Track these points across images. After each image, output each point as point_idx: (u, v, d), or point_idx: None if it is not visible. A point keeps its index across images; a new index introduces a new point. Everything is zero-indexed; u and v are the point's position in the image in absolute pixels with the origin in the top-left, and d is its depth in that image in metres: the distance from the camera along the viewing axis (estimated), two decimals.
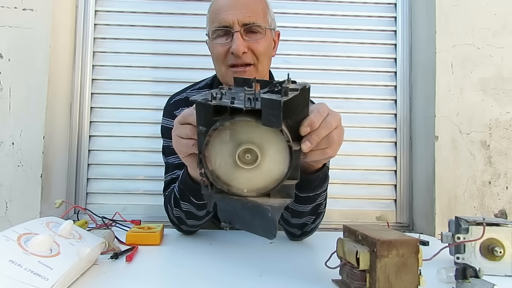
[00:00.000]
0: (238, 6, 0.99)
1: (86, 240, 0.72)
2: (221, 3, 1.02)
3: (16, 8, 1.62)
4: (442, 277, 0.70)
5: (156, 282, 0.71)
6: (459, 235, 0.77)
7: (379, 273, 0.58)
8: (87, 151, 1.88)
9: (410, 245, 0.59)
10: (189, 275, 0.74)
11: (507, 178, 1.69)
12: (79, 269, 0.67)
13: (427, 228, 1.73)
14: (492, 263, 0.76)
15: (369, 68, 1.97)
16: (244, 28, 1.00)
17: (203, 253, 0.91)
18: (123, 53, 1.92)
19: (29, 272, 0.53)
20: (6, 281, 0.49)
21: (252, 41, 1.01)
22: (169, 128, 0.99)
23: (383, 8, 1.99)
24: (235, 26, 0.99)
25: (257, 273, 0.75)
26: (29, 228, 0.64)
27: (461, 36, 1.71)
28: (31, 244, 0.58)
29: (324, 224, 1.87)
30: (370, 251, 0.60)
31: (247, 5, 1.00)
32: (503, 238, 0.76)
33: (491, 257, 0.76)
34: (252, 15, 1.00)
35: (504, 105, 1.70)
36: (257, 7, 1.02)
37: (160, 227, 1.02)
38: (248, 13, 0.99)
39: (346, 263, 0.64)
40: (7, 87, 1.60)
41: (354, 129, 1.94)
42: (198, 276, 0.74)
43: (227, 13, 0.99)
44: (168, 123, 1.17)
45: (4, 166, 1.59)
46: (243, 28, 1.00)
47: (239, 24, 0.99)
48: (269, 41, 1.07)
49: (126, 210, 1.81)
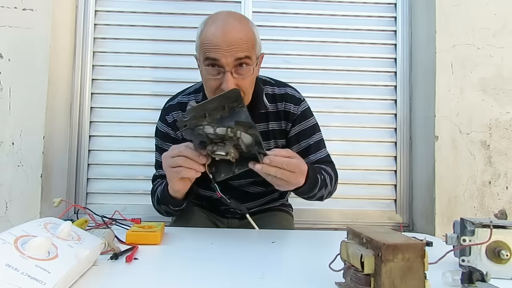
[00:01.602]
0: (231, 44, 1.04)
1: (85, 241, 0.72)
2: (213, 35, 1.06)
3: (16, 8, 1.62)
4: (447, 280, 0.69)
5: (156, 282, 0.71)
6: (464, 237, 0.76)
7: (384, 277, 0.57)
8: (87, 151, 1.88)
9: (416, 249, 0.58)
10: (190, 276, 0.74)
11: (507, 178, 1.69)
12: (78, 272, 0.66)
13: (427, 228, 1.73)
14: (498, 266, 0.75)
15: (369, 68, 1.96)
16: (235, 64, 1.06)
17: (204, 253, 0.91)
18: (123, 53, 1.92)
19: (26, 276, 0.52)
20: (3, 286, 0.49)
21: (240, 78, 1.08)
22: (160, 131, 1.29)
23: (383, 8, 1.98)
24: (227, 66, 1.05)
25: (259, 275, 0.74)
26: (27, 230, 0.63)
27: (461, 36, 1.70)
28: (28, 247, 0.57)
29: (324, 224, 1.90)
30: (375, 255, 0.58)
31: (240, 43, 1.05)
32: (509, 241, 0.75)
33: (497, 260, 0.75)
34: (245, 50, 1.06)
35: (504, 105, 1.69)
36: (248, 40, 1.07)
37: (161, 226, 1.01)
38: (241, 50, 1.05)
39: (350, 267, 0.63)
40: (7, 87, 1.61)
41: (354, 129, 1.94)
42: (199, 276, 0.74)
43: (219, 51, 1.04)
44: (161, 126, 1.30)
45: (4, 166, 1.59)
46: (234, 65, 1.06)
47: (232, 62, 1.05)
48: (256, 72, 1.15)
49: (126, 210, 1.80)
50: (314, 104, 1.91)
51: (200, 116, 0.91)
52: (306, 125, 1.27)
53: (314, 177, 1.07)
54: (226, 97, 0.91)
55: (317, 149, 1.27)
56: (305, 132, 1.27)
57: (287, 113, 1.26)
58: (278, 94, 1.27)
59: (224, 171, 1.02)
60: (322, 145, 1.30)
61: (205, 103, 0.90)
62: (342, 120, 1.95)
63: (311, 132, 1.28)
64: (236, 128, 0.89)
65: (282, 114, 1.26)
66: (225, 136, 0.89)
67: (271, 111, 1.25)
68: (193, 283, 0.71)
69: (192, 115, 0.90)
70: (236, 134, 0.89)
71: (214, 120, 0.92)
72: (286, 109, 1.25)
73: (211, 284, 0.70)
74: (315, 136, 1.28)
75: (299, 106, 1.27)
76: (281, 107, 1.25)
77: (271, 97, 1.26)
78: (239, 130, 0.89)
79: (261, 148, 0.93)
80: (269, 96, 1.26)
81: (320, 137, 1.30)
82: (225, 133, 0.89)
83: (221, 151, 0.92)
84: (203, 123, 0.90)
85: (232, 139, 0.90)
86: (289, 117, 1.26)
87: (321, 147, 1.29)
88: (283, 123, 1.26)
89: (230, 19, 1.10)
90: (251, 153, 0.95)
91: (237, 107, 0.92)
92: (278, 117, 1.26)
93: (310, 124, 1.28)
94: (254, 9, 1.94)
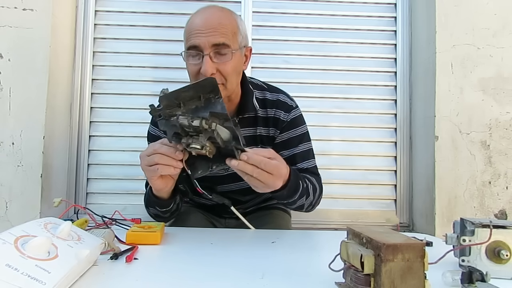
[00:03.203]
0: (209, 28, 1.06)
1: (85, 241, 0.72)
2: (195, 24, 1.09)
3: (16, 8, 1.62)
4: (447, 280, 0.69)
5: (156, 283, 0.71)
6: (464, 237, 0.76)
7: (384, 277, 0.56)
8: (87, 151, 1.88)
9: (416, 249, 0.57)
10: (190, 276, 0.74)
11: (507, 178, 1.69)
12: (78, 271, 0.66)
13: (427, 228, 1.73)
14: (498, 266, 0.74)
15: (369, 68, 1.96)
16: (214, 50, 1.07)
17: (204, 253, 0.91)
18: (123, 53, 1.92)
19: (26, 276, 0.52)
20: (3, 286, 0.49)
21: (220, 63, 1.07)
22: (151, 134, 1.29)
23: (383, 8, 1.98)
24: (205, 49, 1.06)
25: (259, 275, 0.74)
26: (27, 230, 0.63)
27: (461, 36, 1.70)
28: (29, 247, 0.57)
29: (324, 224, 1.90)
30: (375, 255, 0.58)
31: (217, 28, 1.07)
32: (509, 241, 0.75)
33: (497, 260, 0.75)
34: (222, 36, 1.07)
35: (504, 105, 1.69)
36: (227, 28, 1.08)
37: (161, 226, 1.01)
38: (219, 35, 1.06)
39: (350, 267, 0.63)
40: (7, 87, 1.61)
41: (354, 129, 1.94)
42: (199, 276, 0.74)
43: (198, 36, 1.06)
44: (152, 130, 1.30)
45: (4, 166, 1.59)
46: (213, 50, 1.07)
47: (209, 46, 1.06)
48: (238, 60, 1.13)
49: (126, 210, 1.80)
50: (314, 104, 1.94)
51: (174, 106, 0.87)
52: (295, 133, 1.24)
53: (295, 182, 1.04)
54: (202, 86, 0.86)
55: (303, 159, 1.23)
56: (293, 140, 1.23)
57: (276, 120, 1.22)
58: (269, 99, 1.24)
59: (201, 168, 0.99)
60: (310, 155, 1.26)
61: (178, 90, 0.85)
62: (342, 120, 1.95)
63: (299, 140, 1.24)
64: (211, 120, 0.85)
65: (271, 121, 1.22)
66: (200, 128, 0.85)
67: (260, 116, 1.22)
68: (193, 283, 0.71)
69: (165, 103, 0.87)
70: (211, 126, 0.85)
71: (189, 110, 0.87)
72: (276, 115, 1.22)
73: (211, 284, 0.70)
74: (303, 145, 1.25)
75: (290, 113, 1.23)
76: (271, 114, 1.22)
77: (261, 102, 1.23)
78: (214, 122, 0.85)
79: (238, 144, 0.90)
80: (259, 101, 1.23)
81: (309, 147, 1.26)
82: (199, 125, 0.84)
83: (196, 144, 0.88)
84: (177, 113, 0.86)
85: (207, 131, 0.86)
86: (278, 124, 1.22)
87: (309, 157, 1.25)
88: (272, 130, 1.23)
89: (213, 8, 1.14)
90: (228, 149, 0.91)
91: (213, 98, 0.87)
92: (266, 123, 1.23)
93: (299, 133, 1.25)
94: (254, 9, 1.94)
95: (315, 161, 1.27)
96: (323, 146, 1.90)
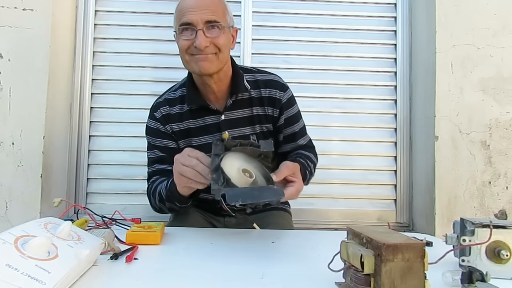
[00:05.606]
0: (201, 7, 1.15)
1: (85, 241, 0.72)
2: (186, 3, 1.17)
3: (16, 8, 1.62)
4: (447, 280, 0.69)
5: (156, 283, 0.71)
6: (464, 237, 0.76)
7: (384, 277, 0.56)
8: (87, 151, 1.88)
9: (416, 249, 0.57)
10: (190, 276, 0.74)
11: (507, 178, 1.69)
12: (78, 271, 0.66)
13: (427, 228, 1.73)
14: (498, 266, 0.74)
15: (369, 68, 1.96)
16: (207, 26, 1.15)
17: (204, 253, 0.91)
18: (123, 53, 1.92)
19: (26, 276, 0.52)
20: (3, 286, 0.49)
21: (213, 36, 1.16)
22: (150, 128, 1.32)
23: (383, 8, 1.99)
24: (198, 24, 1.14)
25: (259, 275, 0.74)
26: (27, 230, 0.63)
27: (461, 36, 1.70)
28: (29, 247, 0.57)
29: (324, 224, 1.90)
30: (375, 255, 0.58)
31: (209, 6, 1.16)
32: (509, 241, 0.74)
33: (497, 260, 0.74)
34: (214, 14, 1.16)
35: (504, 105, 1.69)
36: (217, 7, 1.18)
37: (161, 226, 1.01)
38: (210, 13, 1.15)
39: (350, 267, 0.63)
40: (7, 87, 1.61)
41: (354, 129, 1.94)
42: (199, 276, 0.73)
43: (191, 13, 1.15)
44: (150, 123, 1.34)
45: (4, 166, 1.59)
46: (206, 26, 1.15)
47: (202, 23, 1.14)
48: (228, 36, 1.22)
49: (126, 210, 1.80)
50: (314, 104, 1.94)
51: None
52: (293, 112, 1.34)
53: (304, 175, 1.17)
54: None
55: (302, 135, 1.37)
56: (291, 118, 1.33)
57: (272, 99, 1.29)
58: (261, 80, 1.31)
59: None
60: (305, 130, 1.40)
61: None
62: (342, 120, 1.95)
63: (297, 118, 1.35)
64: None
65: (266, 100, 1.29)
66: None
67: (254, 96, 1.29)
68: (193, 283, 0.71)
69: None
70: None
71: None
72: (272, 95, 1.29)
73: (211, 284, 0.70)
74: (300, 122, 1.37)
75: (285, 92, 1.31)
76: (265, 93, 1.29)
77: (253, 83, 1.30)
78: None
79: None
80: (250, 82, 1.30)
81: (303, 123, 1.39)
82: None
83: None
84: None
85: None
86: (275, 103, 1.29)
87: (305, 133, 1.40)
88: (269, 109, 1.30)
89: None
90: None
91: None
92: (261, 102, 1.29)
93: (295, 111, 1.35)
94: (254, 9, 1.95)
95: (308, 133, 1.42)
96: (323, 146, 1.89)
